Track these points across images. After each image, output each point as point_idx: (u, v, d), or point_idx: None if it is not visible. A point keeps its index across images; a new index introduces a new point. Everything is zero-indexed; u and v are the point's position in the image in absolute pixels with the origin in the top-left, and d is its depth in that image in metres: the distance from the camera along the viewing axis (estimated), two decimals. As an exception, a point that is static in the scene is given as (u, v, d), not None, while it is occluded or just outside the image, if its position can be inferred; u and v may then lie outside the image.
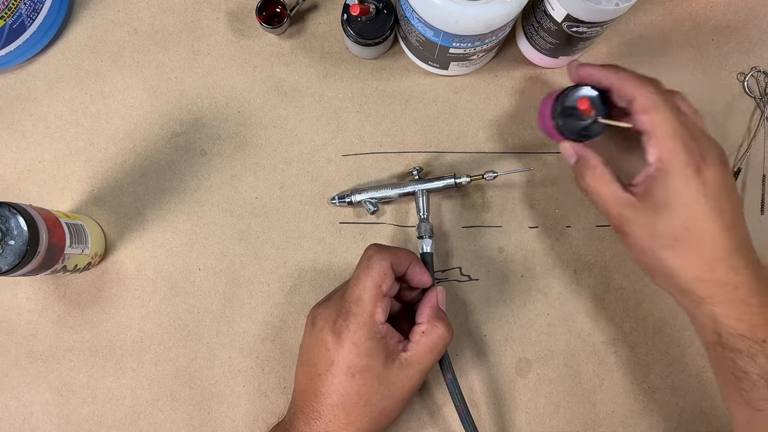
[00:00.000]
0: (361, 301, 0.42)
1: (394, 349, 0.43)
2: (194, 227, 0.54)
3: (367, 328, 0.42)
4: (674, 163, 0.40)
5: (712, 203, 0.40)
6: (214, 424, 0.52)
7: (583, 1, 0.43)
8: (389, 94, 0.55)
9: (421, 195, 0.51)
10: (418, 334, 0.44)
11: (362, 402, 0.41)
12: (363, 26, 0.50)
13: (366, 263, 0.43)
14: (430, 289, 0.46)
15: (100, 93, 0.55)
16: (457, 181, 0.51)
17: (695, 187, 0.40)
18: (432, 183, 0.51)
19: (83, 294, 0.53)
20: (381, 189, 0.52)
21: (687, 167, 0.40)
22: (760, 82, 0.55)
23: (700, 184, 0.40)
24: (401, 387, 0.42)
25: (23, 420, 0.52)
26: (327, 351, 0.42)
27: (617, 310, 0.53)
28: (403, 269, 0.45)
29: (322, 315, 0.44)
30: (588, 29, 0.46)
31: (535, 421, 0.52)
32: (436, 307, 0.45)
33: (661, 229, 0.41)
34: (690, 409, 0.52)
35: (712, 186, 0.40)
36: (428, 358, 0.43)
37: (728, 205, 0.40)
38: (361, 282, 0.43)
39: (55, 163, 0.54)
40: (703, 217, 0.40)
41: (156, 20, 0.55)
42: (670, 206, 0.40)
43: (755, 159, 0.54)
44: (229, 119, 0.54)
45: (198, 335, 0.53)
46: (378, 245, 0.45)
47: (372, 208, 0.52)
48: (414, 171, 0.52)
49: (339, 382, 0.41)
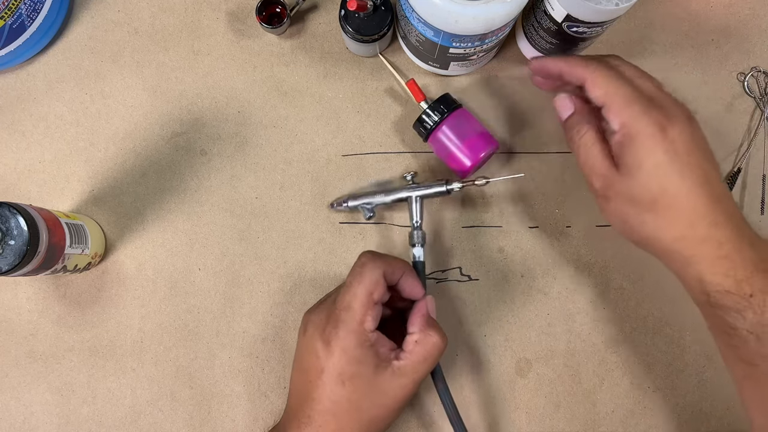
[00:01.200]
0: (351, 309, 0.42)
1: (386, 357, 0.42)
2: (194, 227, 0.54)
3: (356, 335, 0.41)
4: (637, 127, 0.40)
5: (684, 160, 0.39)
6: (214, 424, 0.52)
7: (583, 1, 0.43)
8: (389, 94, 0.55)
9: (415, 201, 0.51)
10: (411, 343, 0.43)
11: (353, 409, 0.41)
12: (360, 22, 0.50)
13: (359, 270, 0.43)
14: (421, 299, 0.46)
15: (100, 93, 0.55)
16: (449, 187, 0.50)
17: (663, 147, 0.39)
18: (423, 189, 0.51)
19: (83, 294, 0.53)
20: (375, 195, 0.52)
21: (651, 127, 0.39)
22: (760, 82, 0.55)
23: (667, 143, 0.39)
24: (393, 396, 0.42)
25: (23, 420, 0.52)
26: (317, 358, 0.42)
27: (617, 310, 0.53)
28: (395, 279, 0.45)
29: (313, 321, 0.44)
30: (588, 29, 0.46)
31: (535, 421, 0.52)
32: (427, 316, 0.45)
33: (637, 194, 0.40)
34: (690, 409, 0.52)
35: (681, 143, 0.39)
36: (422, 367, 0.43)
37: (701, 161, 0.40)
38: (353, 289, 0.42)
39: (55, 163, 0.54)
40: (677, 175, 0.39)
41: (156, 20, 0.55)
42: (643, 169, 0.40)
43: (755, 159, 0.54)
44: (229, 119, 0.54)
45: (198, 335, 0.53)
46: (372, 252, 0.44)
47: (368, 213, 0.52)
48: (408, 176, 0.52)
49: (330, 389, 0.41)
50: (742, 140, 0.55)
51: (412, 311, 0.45)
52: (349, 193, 0.54)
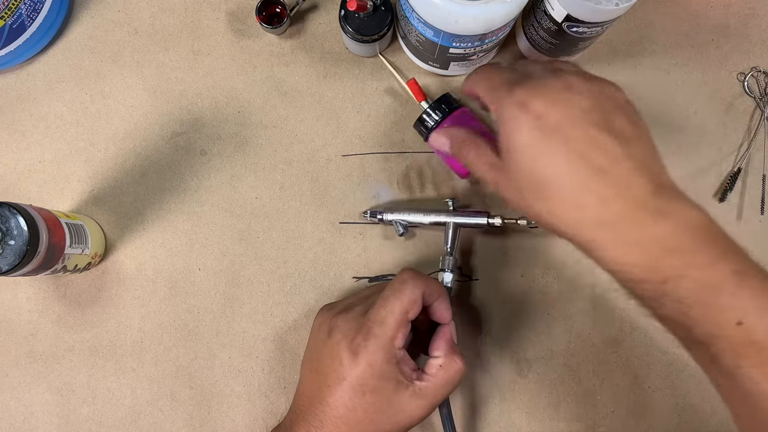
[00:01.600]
0: (385, 324, 0.41)
1: (408, 376, 0.42)
2: (194, 227, 0.54)
3: (385, 351, 0.41)
4: (501, 110, 0.36)
5: (554, 135, 0.34)
6: (214, 424, 0.52)
7: (583, 1, 0.43)
8: (389, 94, 0.55)
9: (452, 228, 0.50)
10: (435, 367, 0.43)
11: (367, 420, 0.41)
12: (360, 22, 0.50)
13: (399, 287, 0.42)
14: (445, 323, 0.46)
15: (100, 93, 0.55)
16: (491, 221, 0.50)
17: (528, 125, 0.34)
18: (464, 218, 0.51)
19: (83, 294, 0.53)
20: (414, 213, 0.51)
21: (512, 108, 0.35)
22: (760, 82, 0.55)
23: (531, 119, 0.34)
24: (409, 415, 0.42)
25: (23, 420, 0.52)
26: (340, 365, 0.41)
27: (617, 310, 0.53)
28: (431, 301, 0.44)
29: (341, 328, 0.43)
30: (588, 29, 0.46)
31: (535, 421, 0.52)
32: (451, 341, 0.45)
33: (520, 181, 0.36)
34: (690, 409, 0.52)
35: (549, 117, 0.34)
36: (443, 391, 0.43)
37: (580, 130, 0.34)
38: (390, 304, 0.42)
39: (55, 163, 0.54)
40: (549, 153, 0.34)
41: (156, 20, 0.55)
42: (516, 153, 0.35)
43: (755, 159, 0.54)
44: (229, 119, 0.54)
45: (198, 335, 0.53)
46: (414, 271, 0.44)
47: (401, 230, 0.51)
48: (450, 202, 0.51)
49: (349, 398, 0.41)
50: (742, 140, 0.55)
51: (436, 335, 0.45)
52: (386, 205, 0.53)
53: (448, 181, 0.54)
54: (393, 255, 0.53)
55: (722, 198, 0.54)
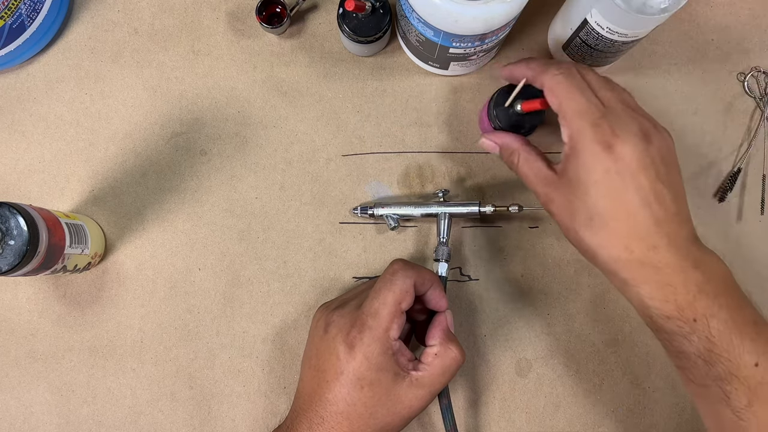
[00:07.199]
0: (378, 316, 0.42)
1: (405, 366, 0.42)
2: (194, 227, 0.54)
3: (380, 342, 0.41)
4: (583, 142, 0.39)
5: (627, 180, 0.38)
6: (214, 424, 0.52)
7: (627, 13, 0.42)
8: (389, 94, 0.55)
9: (444, 218, 0.51)
10: (430, 356, 0.43)
11: (367, 414, 0.41)
12: (358, 23, 0.50)
13: (390, 278, 0.43)
14: (440, 312, 0.46)
15: (100, 93, 0.55)
16: (482, 209, 0.50)
17: (605, 165, 0.38)
18: (455, 207, 0.51)
19: (83, 294, 0.53)
20: (404, 206, 0.52)
21: (595, 144, 0.38)
22: (760, 82, 0.55)
23: (610, 161, 0.38)
24: (408, 405, 0.42)
25: (23, 420, 0.52)
26: (338, 360, 0.42)
27: (617, 310, 0.53)
28: (424, 290, 0.45)
29: (337, 323, 0.43)
30: (628, 40, 0.46)
31: (535, 421, 0.52)
32: (447, 330, 0.45)
33: (577, 208, 0.39)
34: (690, 409, 0.52)
35: (627, 162, 0.38)
36: (440, 380, 0.43)
37: (649, 181, 0.38)
38: (382, 296, 0.42)
39: (55, 163, 0.54)
40: (616, 195, 0.38)
41: (156, 20, 0.55)
42: (583, 185, 0.39)
43: (755, 159, 0.54)
44: (229, 119, 0.54)
45: (198, 335, 0.53)
46: (404, 261, 0.44)
47: (393, 224, 0.51)
48: (440, 193, 0.52)
49: (347, 392, 0.41)
50: (742, 140, 0.55)
51: (432, 324, 0.45)
52: (375, 201, 0.53)
53: (448, 180, 0.54)
54: (393, 255, 0.53)
55: (722, 198, 0.54)
